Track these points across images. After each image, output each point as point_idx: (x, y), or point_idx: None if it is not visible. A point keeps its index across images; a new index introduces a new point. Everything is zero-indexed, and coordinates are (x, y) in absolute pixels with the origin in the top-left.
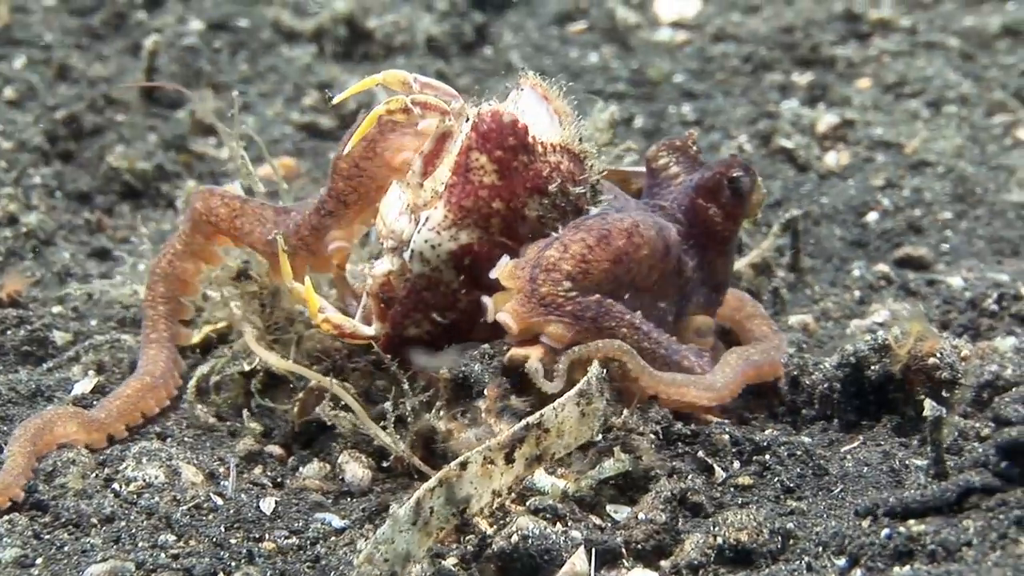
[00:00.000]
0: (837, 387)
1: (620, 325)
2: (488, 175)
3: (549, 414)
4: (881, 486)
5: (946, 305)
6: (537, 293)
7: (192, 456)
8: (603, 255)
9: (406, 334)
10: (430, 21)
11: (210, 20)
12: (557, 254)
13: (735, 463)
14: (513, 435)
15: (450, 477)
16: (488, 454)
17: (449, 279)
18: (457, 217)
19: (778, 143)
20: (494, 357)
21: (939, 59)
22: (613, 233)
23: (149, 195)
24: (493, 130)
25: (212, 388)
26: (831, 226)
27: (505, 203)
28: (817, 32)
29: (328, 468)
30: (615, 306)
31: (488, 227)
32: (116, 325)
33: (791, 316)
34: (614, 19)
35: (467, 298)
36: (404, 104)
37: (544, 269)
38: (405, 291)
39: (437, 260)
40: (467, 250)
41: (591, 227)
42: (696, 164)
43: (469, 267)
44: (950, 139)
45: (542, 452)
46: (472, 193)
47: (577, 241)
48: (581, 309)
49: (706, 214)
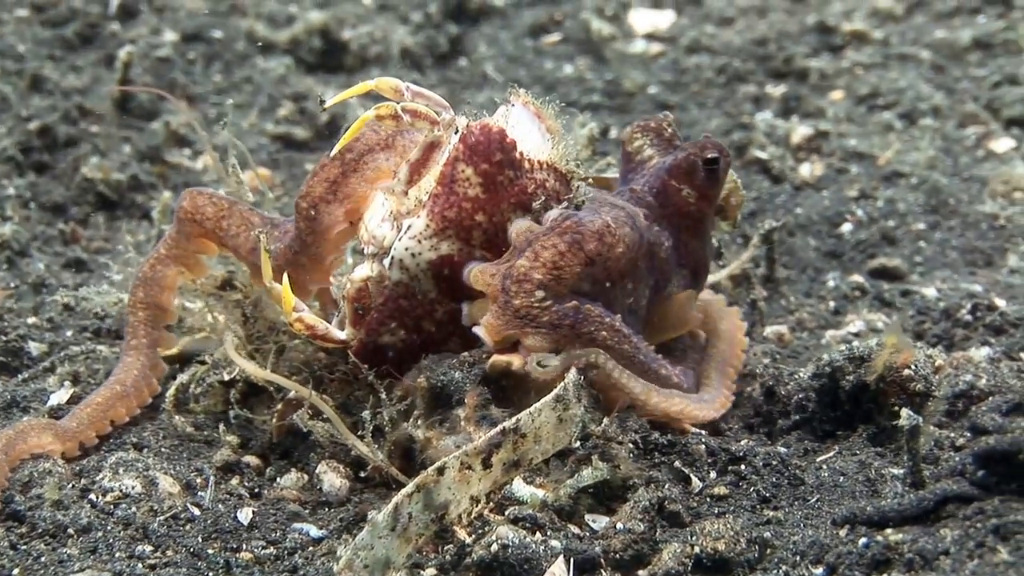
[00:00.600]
0: (813, 397)
1: (600, 329)
2: (473, 187)
3: (526, 419)
4: (857, 495)
5: (920, 315)
6: (511, 306)
7: (169, 466)
8: (575, 260)
9: (380, 341)
10: (405, 32)
11: (184, 31)
12: (528, 263)
13: (711, 473)
14: (490, 440)
15: (427, 483)
16: (465, 459)
17: (427, 289)
18: (439, 227)
19: (753, 154)
20: (474, 365)
21: (911, 71)
22: (585, 236)
23: (124, 206)
24: (481, 143)
25: (191, 397)
26: (806, 237)
27: (488, 216)
28: (790, 44)
29: (306, 478)
30: (593, 310)
31: (469, 239)
32: (91, 336)
33: (768, 327)
34: (589, 31)
35: (443, 309)
36: (394, 110)
37: (515, 280)
38: (382, 298)
39: (416, 269)
40: (447, 261)
41: (564, 230)
42: (671, 146)
43: (448, 278)
44: (923, 150)
45: (519, 457)
46: (456, 204)
47: (548, 248)
48: (558, 318)
49: (679, 196)
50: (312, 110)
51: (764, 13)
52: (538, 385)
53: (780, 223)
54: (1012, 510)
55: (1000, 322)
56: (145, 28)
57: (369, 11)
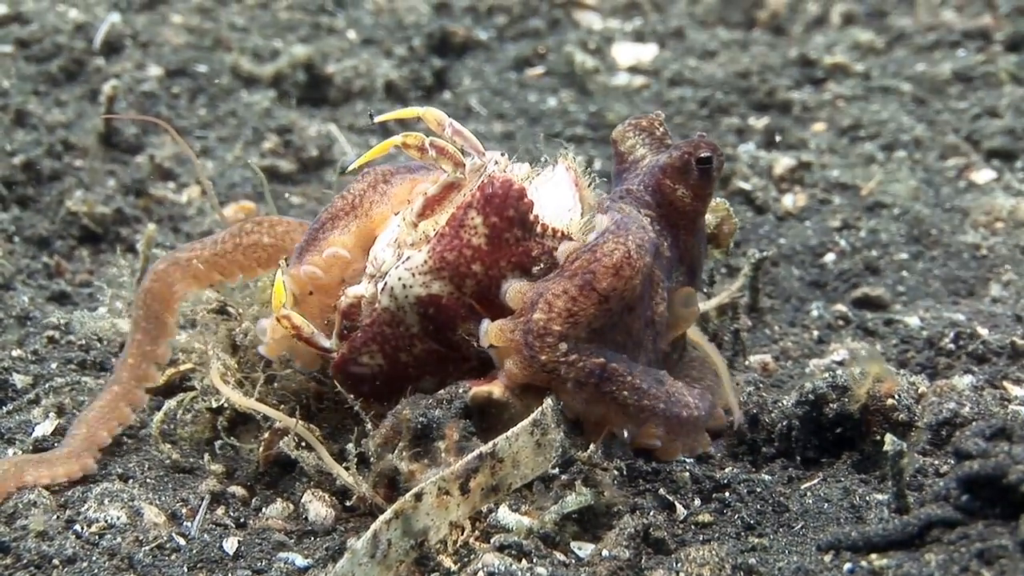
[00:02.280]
0: (796, 425)
1: (621, 389)
2: (478, 237)
3: (502, 444)
4: (842, 522)
5: (904, 344)
6: (537, 360)
7: (154, 497)
8: (588, 302)
9: (359, 360)
10: (389, 66)
11: (168, 66)
12: (544, 316)
13: (696, 500)
14: (467, 465)
15: (406, 509)
16: (443, 485)
17: (411, 322)
18: (435, 266)
19: (736, 185)
20: (452, 401)
21: (893, 103)
22: (597, 275)
23: (108, 239)
24: (497, 196)
25: (178, 424)
26: (789, 267)
27: (485, 269)
28: (773, 77)
29: (291, 508)
30: (617, 368)
31: (461, 286)
32: (76, 367)
33: (752, 356)
34: (572, 64)
35: (422, 346)
36: (421, 142)
37: (537, 335)
38: (369, 320)
39: (404, 300)
40: (434, 300)
41: (574, 272)
42: (662, 145)
43: (432, 317)
44: (905, 181)
45: (498, 482)
46: (457, 249)
47: (560, 296)
48: (584, 375)
49: (674, 195)
50: (296, 143)
51: (746, 46)
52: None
53: (767, 253)
54: (996, 534)
55: (983, 350)
56: (130, 63)
57: (353, 45)
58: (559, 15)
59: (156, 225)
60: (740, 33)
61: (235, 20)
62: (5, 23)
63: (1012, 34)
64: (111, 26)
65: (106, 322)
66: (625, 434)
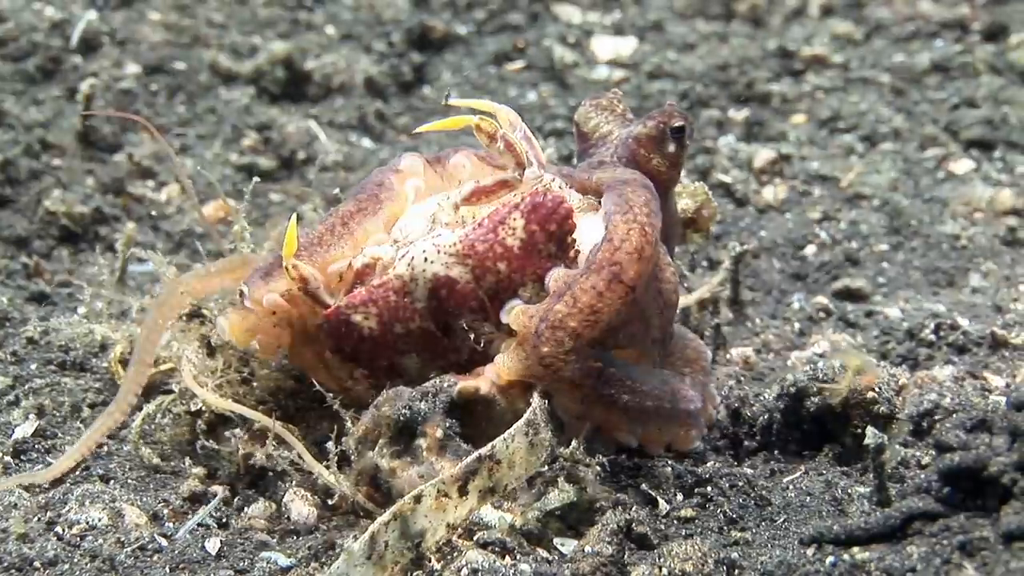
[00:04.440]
0: (778, 418)
1: (621, 392)
2: (513, 238)
3: (500, 446)
4: (824, 515)
5: (884, 336)
6: (537, 352)
7: (136, 498)
8: (615, 295)
9: (352, 316)
10: (368, 62)
11: (147, 63)
12: (565, 309)
13: (678, 495)
14: (467, 467)
15: (404, 511)
16: (442, 487)
17: (418, 297)
18: (463, 251)
19: (716, 178)
20: (438, 394)
21: (872, 95)
22: (624, 265)
23: (87, 239)
24: (545, 207)
25: (158, 428)
26: (770, 259)
27: (509, 271)
28: (752, 69)
29: (274, 507)
30: (615, 374)
31: (481, 279)
32: (56, 368)
33: (733, 349)
34: (552, 58)
35: (420, 323)
36: (495, 130)
37: (550, 325)
38: (379, 282)
39: (420, 274)
40: (449, 283)
41: (600, 266)
42: (625, 120)
43: (441, 298)
44: (884, 173)
45: (495, 484)
46: (489, 243)
47: (588, 291)
48: (580, 376)
49: (649, 164)
50: (276, 140)
51: (725, 39)
52: (505, 410)
53: (748, 246)
54: (977, 526)
55: (963, 341)
56: (107, 61)
57: (332, 41)
58: (538, 9)
59: (136, 224)
60: (719, 25)
61: (213, 16)
62: None
63: (989, 24)
64: (88, 24)
65: (83, 328)
66: (633, 440)
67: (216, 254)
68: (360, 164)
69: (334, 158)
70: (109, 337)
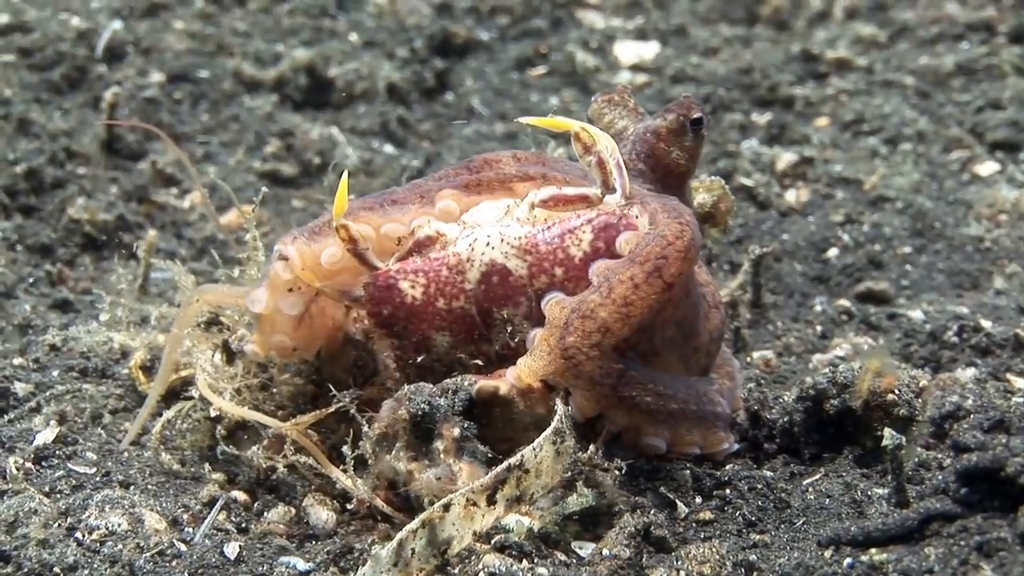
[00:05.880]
0: (797, 420)
1: (644, 395)
2: (577, 249)
3: (529, 455)
4: (843, 517)
5: (907, 338)
6: (563, 342)
7: (155, 503)
8: (651, 290)
9: (400, 283)
10: (391, 68)
11: (171, 72)
12: (599, 299)
13: (697, 498)
14: (496, 476)
15: (433, 519)
16: (471, 496)
17: (470, 278)
18: (526, 246)
19: (739, 181)
20: (457, 392)
21: (896, 97)
22: (670, 260)
23: (111, 246)
24: (616, 228)
25: (178, 434)
26: (792, 262)
27: (563, 278)
28: (775, 73)
29: (293, 512)
30: (637, 376)
31: (534, 278)
32: (78, 375)
33: (754, 352)
34: (574, 63)
35: (463, 303)
36: (593, 143)
37: (581, 315)
38: (435, 255)
39: (479, 256)
40: (503, 273)
41: (646, 258)
42: (637, 114)
43: (491, 284)
44: (908, 175)
45: (522, 492)
46: (554, 246)
47: (624, 281)
48: (600, 375)
49: (668, 158)
50: (298, 147)
51: (748, 42)
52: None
53: (768, 249)
54: (995, 527)
55: (986, 343)
56: (132, 69)
57: (355, 48)
58: (561, 14)
59: (158, 231)
60: (742, 29)
61: (237, 25)
62: (7, 32)
63: (1016, 26)
64: (113, 33)
65: (101, 336)
66: (661, 443)
67: (234, 261)
68: (382, 170)
69: (354, 163)
70: (128, 345)
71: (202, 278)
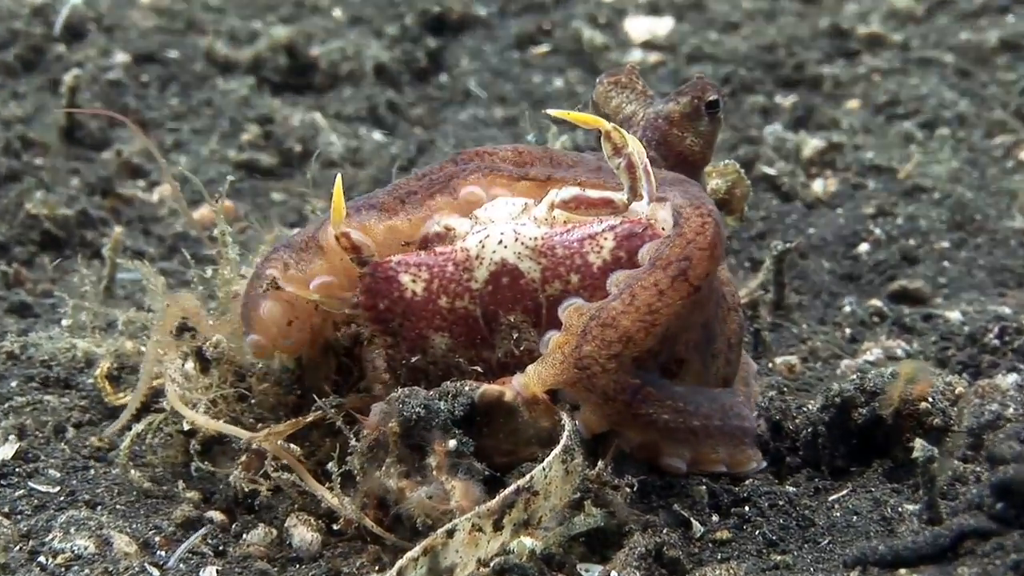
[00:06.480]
0: (822, 431)
1: (661, 412)
2: (596, 256)
3: (538, 476)
4: (872, 536)
5: (944, 341)
6: (579, 351)
7: (125, 524)
8: (677, 295)
9: (400, 276)
10: (379, 47)
11: (136, 52)
12: (621, 306)
13: (714, 516)
14: (503, 500)
15: (436, 545)
16: (477, 521)
17: (478, 277)
18: (541, 248)
19: (760, 170)
20: (457, 396)
21: (934, 77)
22: (695, 261)
23: (72, 244)
24: (640, 238)
25: (148, 449)
26: (819, 259)
27: (578, 286)
28: (802, 50)
29: (274, 533)
30: (653, 393)
31: (547, 283)
32: (39, 386)
33: (777, 357)
34: (580, 40)
35: (467, 304)
36: (624, 145)
37: (602, 323)
38: (442, 249)
39: (489, 254)
40: (514, 274)
41: (668, 261)
42: (647, 97)
43: (499, 286)
44: (946, 162)
45: (530, 516)
46: (572, 251)
47: (648, 288)
48: (615, 390)
49: (682, 144)
50: (278, 134)
51: (772, 17)
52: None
53: (792, 244)
54: None
55: None
56: (93, 50)
57: (339, 25)
58: None
59: (124, 228)
60: (766, 2)
61: (209, 0)
62: None
63: None
64: (73, 9)
65: (64, 342)
66: (681, 464)
67: (208, 260)
68: (370, 160)
69: (339, 152)
70: (93, 352)
71: (172, 279)
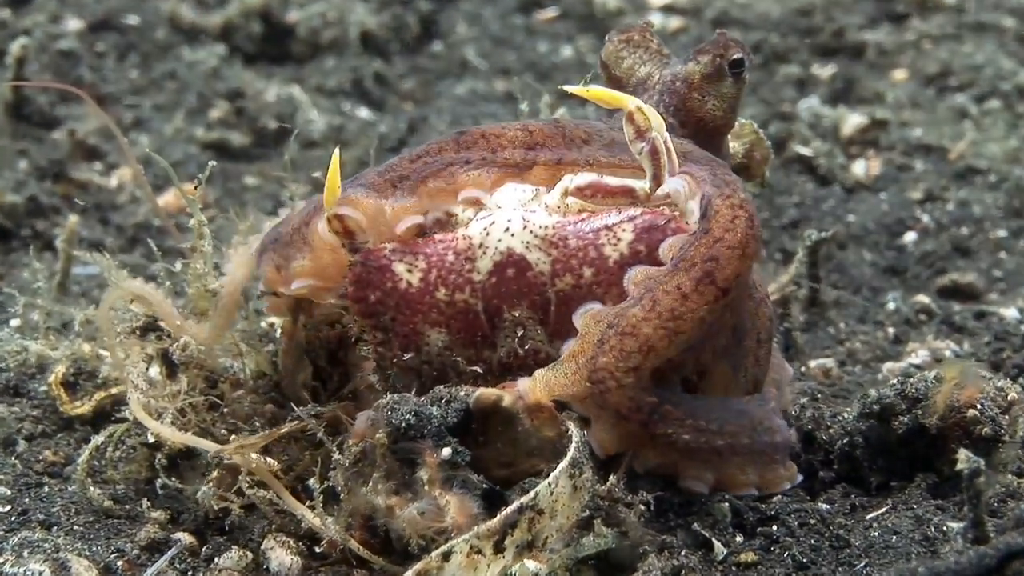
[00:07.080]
0: (859, 442)
1: (681, 432)
2: (612, 249)
3: (544, 492)
4: (912, 557)
5: (998, 342)
6: (594, 362)
7: (84, 547)
8: (701, 300)
9: (395, 265)
10: (365, 12)
11: (92, 18)
12: (641, 313)
13: (737, 536)
14: (505, 519)
15: (430, 570)
16: (476, 543)
17: (481, 267)
18: (552, 238)
19: (794, 150)
20: (451, 402)
21: (990, 44)
22: (722, 261)
23: (21, 235)
24: (662, 231)
25: (109, 463)
26: (860, 250)
27: (592, 281)
28: (842, 14)
29: (249, 557)
30: (673, 412)
31: (557, 277)
32: None
33: (811, 360)
34: (591, 3)
35: (467, 297)
36: (649, 126)
37: (620, 331)
38: (441, 237)
39: (495, 243)
40: (521, 265)
41: (693, 262)
42: (663, 57)
43: (503, 278)
44: (1003, 141)
45: (534, 537)
46: (587, 242)
47: (670, 292)
48: (629, 408)
49: (703, 109)
50: (251, 110)
51: None
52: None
53: (828, 233)
54: None
55: None
56: (43, 15)
57: None
58: None
59: (79, 216)
60: None
61: None
62: None
63: None
64: None
65: (14, 344)
66: (703, 487)
67: (175, 253)
68: (355, 139)
69: (321, 131)
70: (47, 356)
71: (135, 274)
